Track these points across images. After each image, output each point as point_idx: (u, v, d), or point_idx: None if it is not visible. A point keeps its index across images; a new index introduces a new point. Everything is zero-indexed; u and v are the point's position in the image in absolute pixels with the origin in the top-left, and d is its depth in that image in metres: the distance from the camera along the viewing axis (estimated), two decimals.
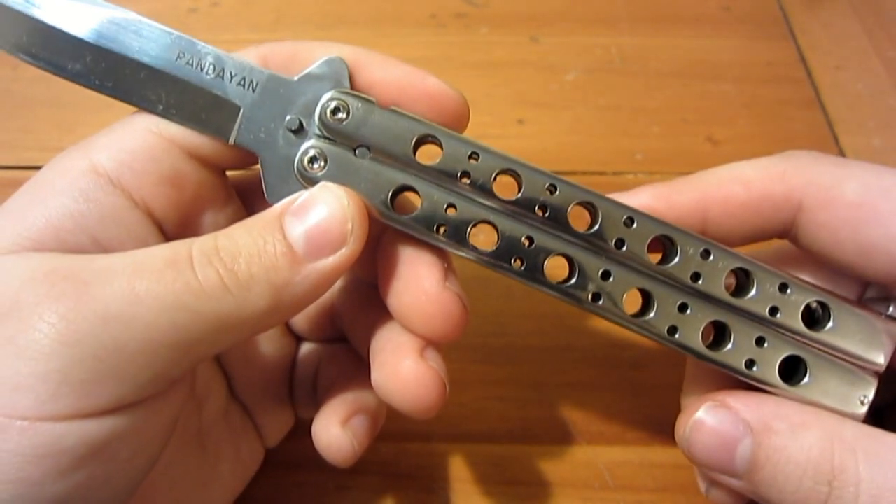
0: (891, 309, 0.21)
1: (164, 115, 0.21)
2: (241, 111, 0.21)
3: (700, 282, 0.21)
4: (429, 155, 0.21)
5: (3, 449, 0.17)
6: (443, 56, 0.42)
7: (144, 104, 0.21)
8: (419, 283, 0.21)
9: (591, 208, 0.22)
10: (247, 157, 0.23)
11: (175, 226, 0.22)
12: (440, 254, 0.22)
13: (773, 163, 0.22)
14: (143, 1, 0.43)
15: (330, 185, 0.21)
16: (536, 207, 0.21)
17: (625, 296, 0.21)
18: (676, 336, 0.21)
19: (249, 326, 0.20)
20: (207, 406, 0.24)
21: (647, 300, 0.21)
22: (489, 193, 0.21)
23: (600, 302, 0.21)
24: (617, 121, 0.40)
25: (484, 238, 0.21)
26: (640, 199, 0.22)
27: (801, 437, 0.19)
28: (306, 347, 0.27)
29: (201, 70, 0.21)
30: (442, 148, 0.21)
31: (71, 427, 0.17)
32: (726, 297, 0.21)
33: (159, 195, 0.21)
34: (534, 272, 0.21)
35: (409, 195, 0.22)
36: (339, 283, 0.26)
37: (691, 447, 0.21)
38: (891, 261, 0.20)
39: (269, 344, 0.26)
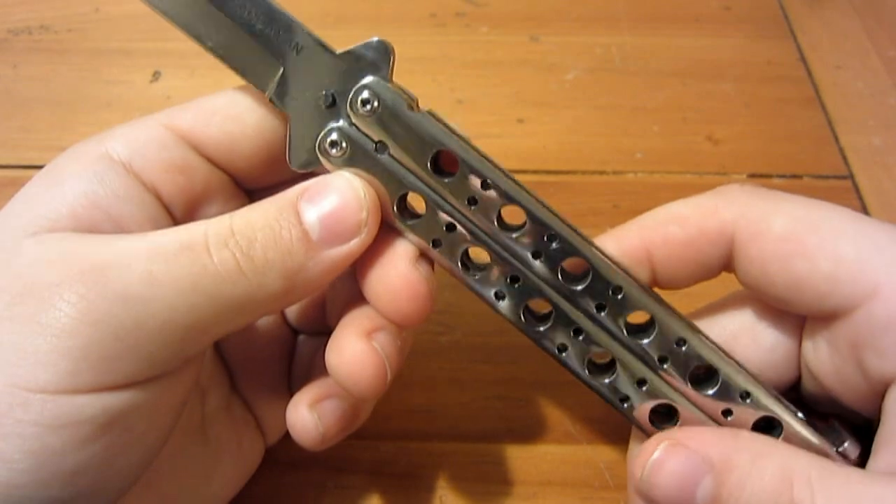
0: (846, 444, 0.21)
1: (213, 51, 0.22)
2: (282, 70, 0.21)
3: (666, 365, 0.22)
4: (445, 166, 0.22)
5: (24, 420, 0.17)
6: (443, 55, 0.42)
7: (195, 35, 0.22)
8: (390, 262, 0.22)
9: (588, 264, 0.22)
10: (249, 172, 0.23)
11: (183, 212, 0.22)
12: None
13: (706, 198, 0.23)
14: None
15: (347, 174, 0.21)
16: (532, 253, 0.22)
17: (587, 357, 0.22)
18: (625, 406, 0.22)
19: (263, 308, 0.20)
20: (210, 398, 0.24)
21: (612, 365, 0.22)
22: (493, 220, 0.21)
23: (564, 354, 0.22)
24: (617, 120, 0.40)
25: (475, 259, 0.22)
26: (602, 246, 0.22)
27: (761, 468, 0.19)
28: (302, 340, 0.27)
29: (255, 20, 0.21)
30: (459, 166, 0.21)
31: (90, 399, 0.18)
32: (687, 386, 0.22)
33: (168, 181, 0.22)
34: (515, 309, 0.22)
35: (413, 198, 0.22)
36: None
37: (651, 489, 0.20)
38: (818, 295, 0.20)
39: (268, 337, 0.27)
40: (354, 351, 0.21)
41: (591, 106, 0.40)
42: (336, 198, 0.20)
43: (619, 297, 0.21)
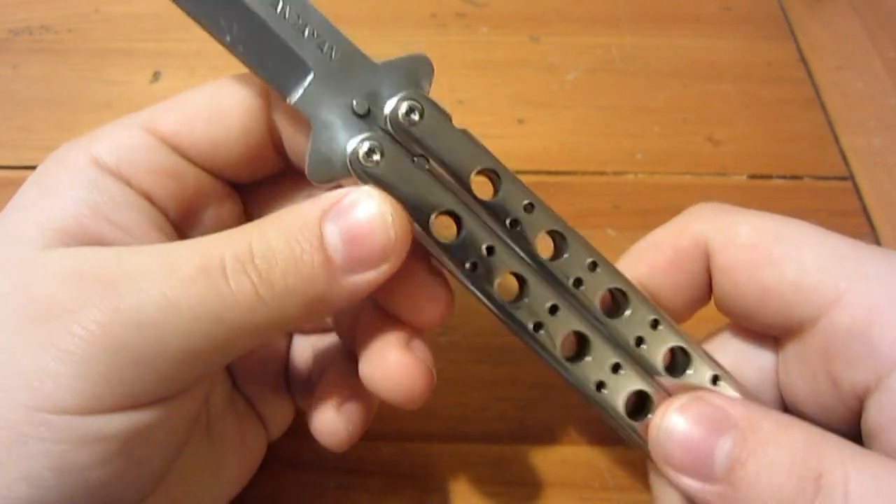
0: None
1: (231, 47, 0.20)
2: (312, 75, 0.20)
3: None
4: (481, 187, 0.21)
5: (48, 439, 0.17)
6: (443, 56, 0.42)
7: (213, 29, 0.20)
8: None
9: (623, 295, 0.22)
10: (236, 172, 0.23)
11: (178, 215, 0.22)
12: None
13: (678, 220, 0.23)
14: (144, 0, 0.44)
15: (375, 193, 0.20)
16: (571, 279, 0.21)
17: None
18: (602, 392, 0.21)
19: (281, 331, 0.21)
20: (214, 396, 0.24)
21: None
22: (528, 248, 0.21)
23: (604, 391, 0.21)
24: (617, 120, 0.40)
25: (505, 286, 0.21)
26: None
27: (788, 434, 0.19)
28: (298, 339, 0.27)
29: (283, 16, 0.20)
30: (499, 189, 0.21)
31: (113, 417, 0.18)
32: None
33: (159, 186, 0.21)
34: (548, 343, 0.21)
35: (444, 219, 0.21)
36: None
37: (666, 445, 0.20)
38: (785, 304, 0.20)
39: None
40: (401, 365, 0.21)
41: (591, 106, 0.40)
42: (364, 222, 0.19)
43: (658, 329, 0.21)
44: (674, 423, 0.20)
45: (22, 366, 0.17)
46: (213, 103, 0.22)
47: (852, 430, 0.20)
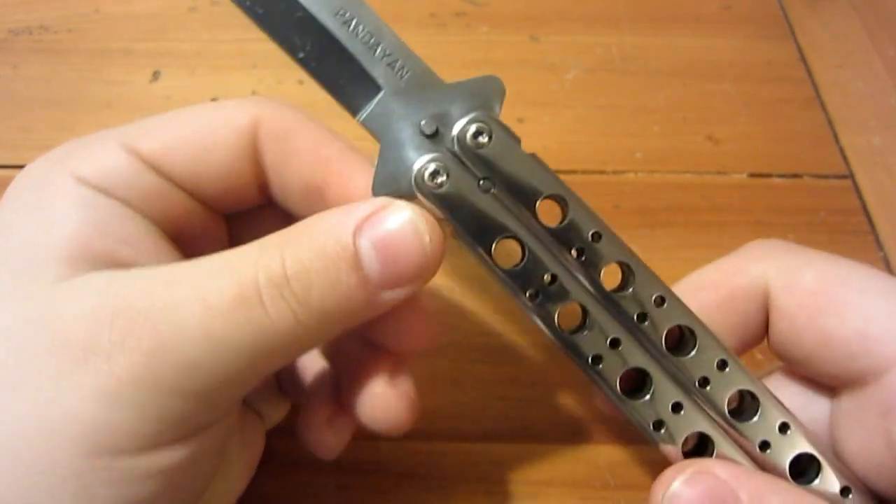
0: None
1: (303, 63, 0.20)
2: (382, 93, 0.20)
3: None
4: (548, 212, 0.21)
5: (113, 481, 0.17)
6: (443, 55, 0.42)
7: (286, 45, 0.20)
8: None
9: (689, 334, 0.21)
10: (219, 201, 0.22)
11: (169, 234, 0.21)
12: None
13: (733, 258, 0.22)
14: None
15: (416, 215, 0.19)
16: (636, 313, 0.21)
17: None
18: (661, 431, 0.21)
19: (314, 347, 0.21)
20: None
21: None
22: (593, 278, 0.20)
23: (661, 431, 0.21)
24: (617, 120, 0.40)
25: (566, 315, 0.21)
26: None
27: None
28: None
29: (356, 35, 0.20)
30: (566, 215, 0.20)
31: (168, 451, 0.18)
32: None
33: (147, 206, 0.21)
34: (607, 376, 0.21)
35: (506, 244, 0.21)
36: None
37: None
38: (847, 354, 0.20)
39: None
40: (386, 398, 0.21)
41: (591, 106, 0.40)
42: (398, 234, 0.18)
43: (725, 370, 0.21)
44: (678, 494, 0.19)
45: (72, 412, 0.17)
46: (198, 133, 0.21)
47: None
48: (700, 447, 0.21)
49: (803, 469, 0.21)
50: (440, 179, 0.20)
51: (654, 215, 0.35)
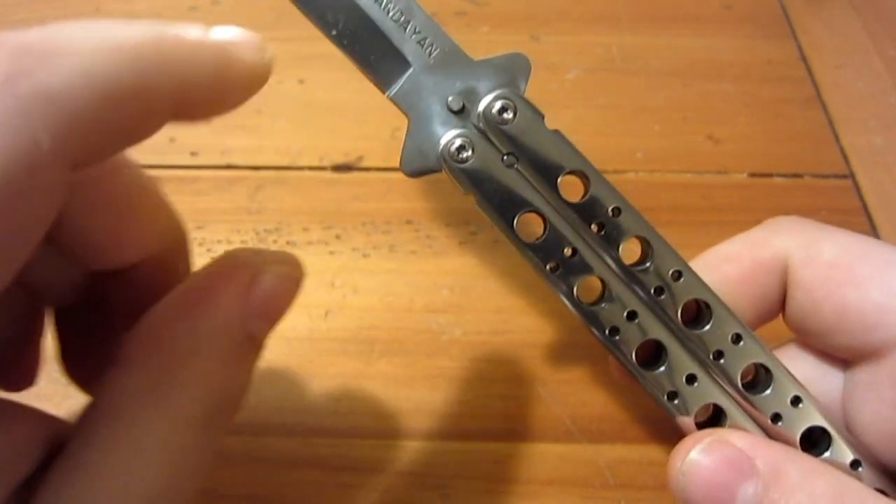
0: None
1: (336, 40, 0.20)
2: (411, 70, 0.20)
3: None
4: (570, 188, 0.21)
5: None
6: None
7: (320, 22, 0.20)
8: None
9: (705, 308, 0.21)
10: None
11: None
12: None
13: (756, 233, 0.23)
14: None
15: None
16: (654, 287, 0.21)
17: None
18: (675, 402, 0.21)
19: None
20: None
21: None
22: (618, 250, 0.21)
23: (675, 401, 0.21)
24: (617, 119, 0.40)
25: (586, 288, 0.21)
26: None
27: (812, 484, 0.18)
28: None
29: (388, 13, 0.20)
30: (588, 191, 0.21)
31: None
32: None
33: None
34: (624, 348, 0.21)
35: (528, 218, 0.21)
36: None
37: (687, 485, 0.19)
38: (865, 326, 0.20)
39: None
40: None
41: (591, 105, 0.40)
42: (279, 295, 0.17)
43: (740, 344, 0.21)
44: (697, 462, 0.19)
45: None
46: None
47: None
48: (714, 419, 0.22)
49: (815, 442, 0.21)
50: (465, 154, 0.20)
51: (654, 215, 0.35)
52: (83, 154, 0.14)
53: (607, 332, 0.21)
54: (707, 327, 0.21)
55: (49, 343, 0.21)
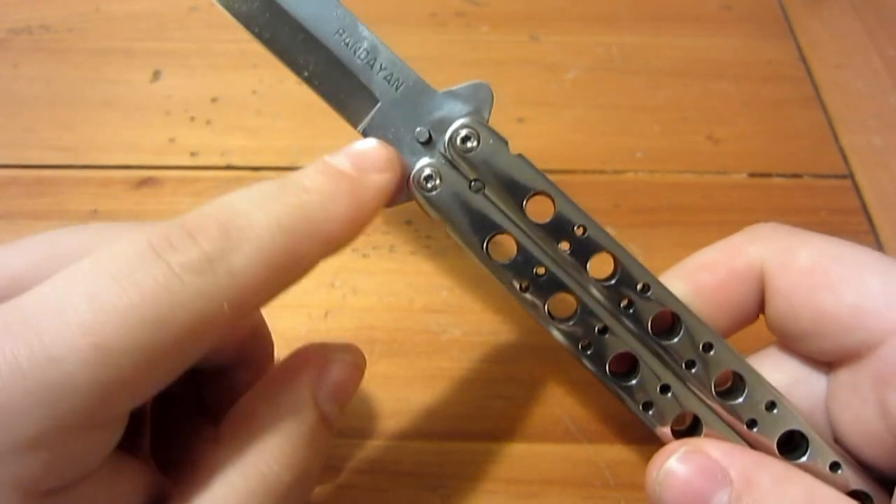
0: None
1: (308, 81, 0.22)
2: (379, 105, 0.21)
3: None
4: (534, 209, 0.22)
5: None
6: (443, 55, 0.42)
7: (293, 66, 0.22)
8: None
9: (676, 319, 0.22)
10: None
11: None
12: None
13: (732, 240, 0.23)
14: None
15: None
16: (623, 301, 0.22)
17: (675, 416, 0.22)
18: (650, 413, 0.22)
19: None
20: None
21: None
22: (585, 267, 0.22)
23: (650, 412, 0.22)
24: (617, 119, 0.40)
25: (560, 308, 0.22)
26: None
27: (783, 491, 0.19)
28: None
29: (355, 53, 0.21)
30: (554, 212, 0.21)
31: None
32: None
33: None
34: (597, 361, 0.22)
35: (501, 240, 0.22)
36: None
37: (663, 494, 0.20)
38: (843, 328, 0.20)
39: None
40: None
41: (591, 105, 0.40)
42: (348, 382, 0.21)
43: (711, 353, 0.21)
44: (672, 472, 0.20)
45: None
46: None
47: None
48: (692, 428, 0.22)
49: (796, 445, 0.21)
50: (433, 183, 0.21)
51: (654, 215, 0.35)
52: (251, 310, 0.18)
53: (580, 346, 0.22)
54: (677, 338, 0.22)
55: None
